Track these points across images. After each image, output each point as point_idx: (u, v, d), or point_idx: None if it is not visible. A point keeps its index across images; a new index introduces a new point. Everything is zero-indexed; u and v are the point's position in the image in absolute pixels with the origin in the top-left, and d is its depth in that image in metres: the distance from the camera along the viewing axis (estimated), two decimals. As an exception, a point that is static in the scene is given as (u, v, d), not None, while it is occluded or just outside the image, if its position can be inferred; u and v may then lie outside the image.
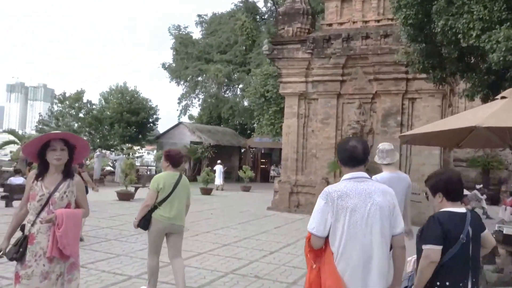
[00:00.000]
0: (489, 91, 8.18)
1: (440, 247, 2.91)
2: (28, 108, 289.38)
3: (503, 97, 6.01)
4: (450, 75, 8.78)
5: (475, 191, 17.08)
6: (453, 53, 7.81)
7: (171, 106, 46.23)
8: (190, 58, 36.20)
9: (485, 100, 8.29)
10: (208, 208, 14.44)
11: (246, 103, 33.44)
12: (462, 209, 3.05)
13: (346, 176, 2.97)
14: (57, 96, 33.16)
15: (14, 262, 3.42)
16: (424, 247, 2.93)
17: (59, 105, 32.65)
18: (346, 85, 14.29)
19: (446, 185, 3.10)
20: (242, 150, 32.89)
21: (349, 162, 2.99)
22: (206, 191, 19.83)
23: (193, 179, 26.85)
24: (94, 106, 32.82)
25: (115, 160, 25.71)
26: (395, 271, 2.97)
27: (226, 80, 34.39)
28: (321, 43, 14.47)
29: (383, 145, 5.21)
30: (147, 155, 42.11)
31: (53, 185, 3.42)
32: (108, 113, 31.63)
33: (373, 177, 4.17)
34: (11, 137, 28.76)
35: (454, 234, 2.94)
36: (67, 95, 32.28)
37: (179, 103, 37.64)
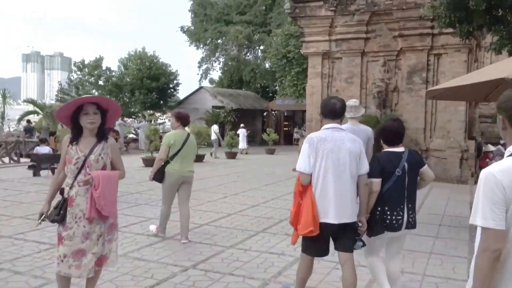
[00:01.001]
0: (517, 43, 7.97)
1: (379, 180, 3.70)
2: (46, 78, 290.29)
3: (533, 49, 5.90)
4: (477, 28, 8.54)
5: (499, 146, 16.88)
6: (481, 5, 7.57)
7: (191, 71, 46.00)
8: (209, 20, 35.65)
9: (512, 53, 8.09)
10: (234, 172, 14.67)
11: (267, 65, 33.07)
12: (400, 149, 3.82)
13: (325, 126, 3.75)
14: (76, 64, 33.33)
15: (51, 229, 3.53)
16: (368, 180, 3.69)
17: (78, 73, 32.85)
18: (370, 43, 14.03)
19: (383, 134, 3.92)
20: (265, 113, 32.86)
21: (329, 115, 3.75)
22: (231, 155, 20.07)
23: (216, 144, 27.12)
24: (113, 73, 32.93)
25: (138, 128, 26.00)
26: (360, 202, 3.70)
27: (246, 42, 33.86)
28: (344, -1, 14.15)
29: (349, 102, 6.13)
30: (168, 121, 42.37)
31: (88, 148, 3.47)
32: (128, 79, 31.73)
33: None
34: (31, 108, 28.62)
35: (390, 168, 3.70)
36: (85, 62, 32.42)
37: (199, 67, 37.41)
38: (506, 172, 1.83)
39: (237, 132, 22.82)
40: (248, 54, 37.04)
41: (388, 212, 3.69)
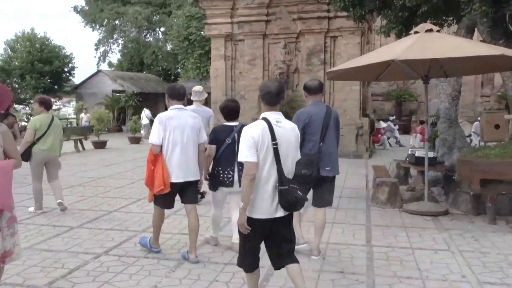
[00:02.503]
0: (403, 27, 8.70)
1: (213, 146, 4.79)
2: None
3: (416, 32, 6.51)
4: (368, 12, 9.17)
5: (389, 123, 18.42)
6: (371, -9, 8.15)
7: (88, 54, 43.62)
8: (104, 0, 33.96)
9: (399, 36, 8.81)
10: (139, 157, 14.35)
11: (169, 47, 32.40)
12: (234, 123, 4.86)
13: (172, 107, 4.69)
14: (-51, 47, 30.19)
15: None
16: (207, 146, 4.82)
17: (-46, 56, 29.81)
18: (271, 25, 14.40)
19: (222, 111, 4.92)
20: (168, 97, 32.26)
21: (175, 97, 4.72)
22: (135, 140, 19.49)
23: (117, 129, 26.16)
24: (-2, 57, 30.32)
25: (30, 115, 24.31)
26: (199, 164, 4.78)
27: (146, 23, 32.78)
28: (245, -18, 14.31)
29: (195, 88, 7.56)
30: (63, 107, 40.07)
31: None
32: (16, 63, 29.40)
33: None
34: None
35: (223, 138, 4.75)
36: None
37: (96, 49, 35.58)
38: (255, 129, 3.18)
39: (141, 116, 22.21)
40: (148, 36, 35.94)
41: (221, 171, 4.78)
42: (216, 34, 15.06)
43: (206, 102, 23.59)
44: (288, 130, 3.30)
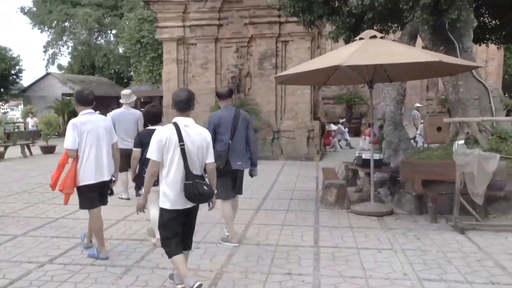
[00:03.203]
0: (350, 33, 8.96)
1: (138, 149, 5.19)
2: None
3: (361, 38, 6.73)
4: (317, 18, 9.38)
5: (340, 125, 18.87)
6: (319, -3, 8.36)
7: (36, 56, 42.17)
8: (53, 1, 32.94)
9: (347, 41, 9.07)
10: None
11: (121, 50, 31.83)
12: (157, 127, 4.91)
13: (83, 112, 4.94)
14: None
15: None
16: (134, 149, 5.29)
17: None
18: (223, 29, 14.44)
19: (145, 116, 5.49)
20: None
21: (83, 103, 4.96)
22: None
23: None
24: None
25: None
26: (114, 162, 5.10)
27: (97, 25, 32.09)
28: (196, -14, 14.28)
29: (123, 91, 8.09)
30: (11, 111, 38.55)
31: None
32: (-42, 66, 28.08)
33: (113, 111, 7.94)
34: None
35: (147, 141, 4.54)
36: None
37: (45, 51, 34.53)
38: (164, 132, 3.74)
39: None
40: (99, 38, 35.18)
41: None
42: (168, 38, 14.95)
43: (161, 105, 23.38)
44: (195, 134, 3.84)
